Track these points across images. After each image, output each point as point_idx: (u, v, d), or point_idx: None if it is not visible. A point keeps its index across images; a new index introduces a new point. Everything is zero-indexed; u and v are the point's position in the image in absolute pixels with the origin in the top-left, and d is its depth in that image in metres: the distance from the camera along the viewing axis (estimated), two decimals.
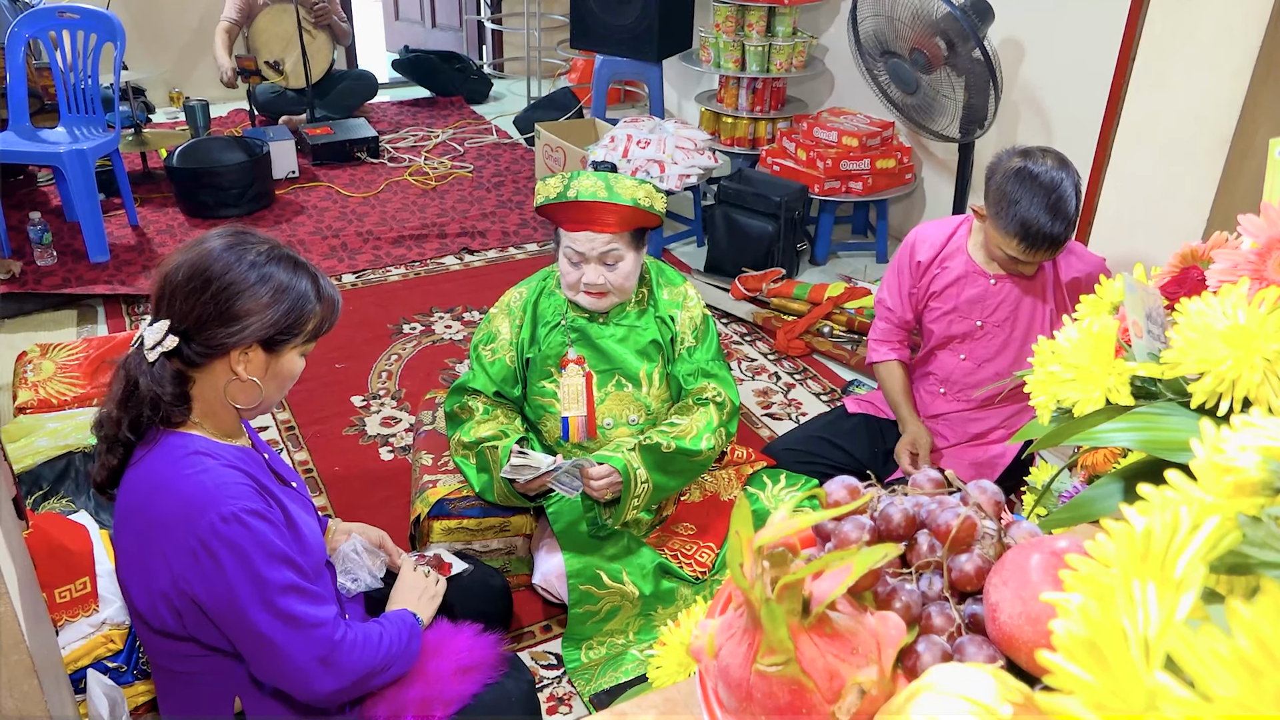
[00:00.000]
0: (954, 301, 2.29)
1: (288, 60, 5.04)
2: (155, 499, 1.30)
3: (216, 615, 1.30)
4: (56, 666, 1.61)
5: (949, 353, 2.36)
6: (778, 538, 0.55)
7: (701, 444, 2.11)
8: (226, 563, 1.26)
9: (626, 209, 2.00)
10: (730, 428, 2.19)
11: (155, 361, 1.30)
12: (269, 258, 1.35)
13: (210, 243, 1.34)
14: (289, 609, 1.31)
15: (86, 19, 3.85)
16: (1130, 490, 0.66)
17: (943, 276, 2.29)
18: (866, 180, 3.91)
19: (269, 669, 1.35)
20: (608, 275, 2.05)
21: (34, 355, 2.91)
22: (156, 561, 1.30)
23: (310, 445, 2.83)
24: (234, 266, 1.32)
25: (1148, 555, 0.39)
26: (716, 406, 2.16)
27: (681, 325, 2.18)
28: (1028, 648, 0.55)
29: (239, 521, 1.27)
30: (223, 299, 1.30)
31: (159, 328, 1.31)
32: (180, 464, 1.31)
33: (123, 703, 1.80)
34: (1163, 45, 2.78)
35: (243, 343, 1.33)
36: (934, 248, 2.30)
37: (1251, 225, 0.69)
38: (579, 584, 2.07)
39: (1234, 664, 0.33)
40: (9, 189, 4.32)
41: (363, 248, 4.07)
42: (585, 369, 2.16)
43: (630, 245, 2.06)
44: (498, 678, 1.59)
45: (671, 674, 0.83)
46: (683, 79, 5.12)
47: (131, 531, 1.33)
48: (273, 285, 1.34)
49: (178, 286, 1.31)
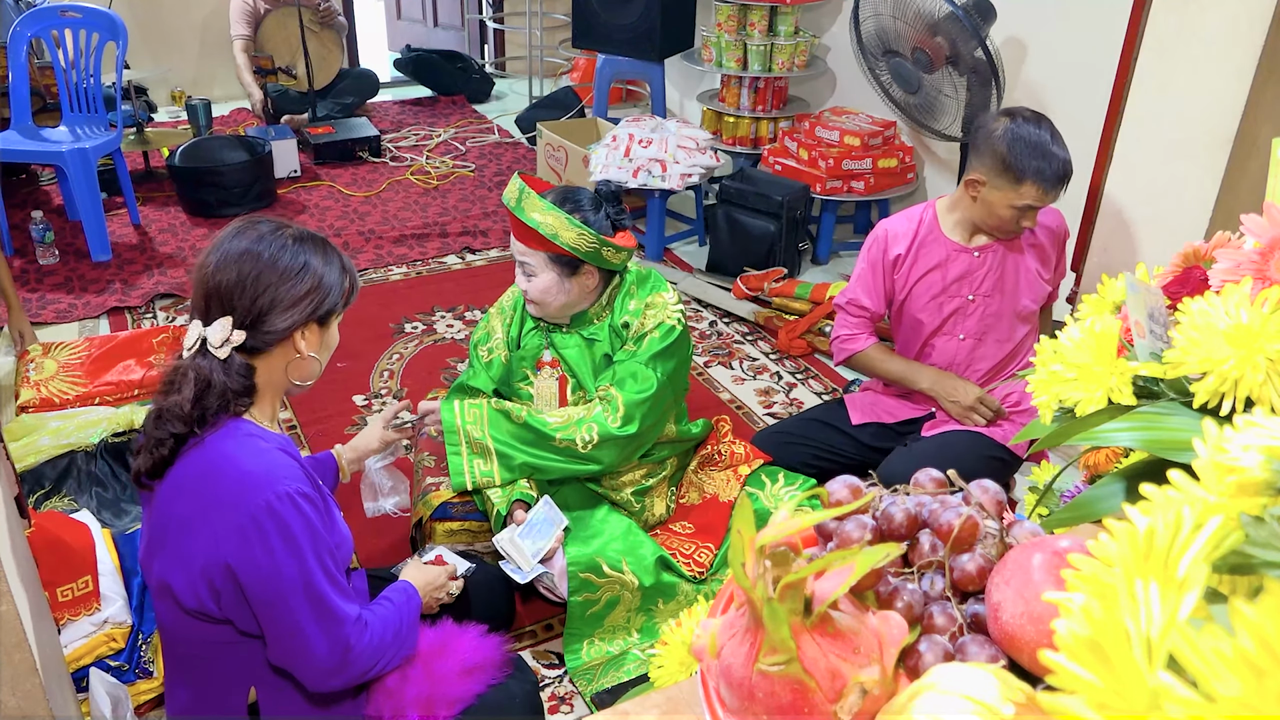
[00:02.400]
0: (940, 284, 2.32)
1: (299, 64, 5.06)
2: (210, 478, 1.33)
3: (254, 594, 1.32)
4: (59, 665, 1.61)
5: (945, 337, 2.38)
6: (780, 537, 0.55)
7: (557, 433, 2.06)
8: (275, 542, 1.30)
9: (527, 228, 2.01)
10: (613, 431, 2.06)
11: (227, 358, 1.36)
12: (296, 239, 1.42)
13: (244, 237, 1.40)
14: (324, 596, 1.34)
15: (89, 18, 3.86)
16: (1133, 490, 0.66)
17: (920, 265, 2.33)
18: (868, 180, 3.91)
19: (290, 655, 1.37)
20: (527, 283, 2.09)
21: (36, 354, 2.92)
22: (202, 539, 1.32)
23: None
24: (280, 255, 1.39)
25: (1150, 555, 0.39)
26: (605, 404, 2.08)
27: (631, 332, 2.13)
28: (1030, 647, 0.55)
29: (292, 502, 1.31)
30: (282, 287, 1.38)
31: (223, 325, 1.36)
32: (238, 445, 1.35)
33: (126, 700, 1.81)
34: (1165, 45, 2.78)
35: (303, 323, 1.41)
36: (907, 238, 2.34)
37: (1254, 225, 0.69)
38: (578, 571, 2.07)
39: (1237, 664, 0.33)
40: (11, 188, 4.32)
41: (364, 247, 4.08)
42: (559, 373, 2.18)
43: (547, 265, 2.04)
44: (502, 678, 1.59)
45: (673, 673, 0.83)
46: (684, 78, 5.12)
47: (174, 512, 1.35)
48: (316, 264, 1.42)
49: (231, 284, 1.36)
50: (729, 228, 3.82)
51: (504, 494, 2.10)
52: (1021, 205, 2.16)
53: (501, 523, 2.08)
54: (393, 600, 1.54)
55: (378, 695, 1.50)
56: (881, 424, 2.46)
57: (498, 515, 2.08)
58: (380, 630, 1.44)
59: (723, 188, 3.86)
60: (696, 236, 4.25)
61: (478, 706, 1.54)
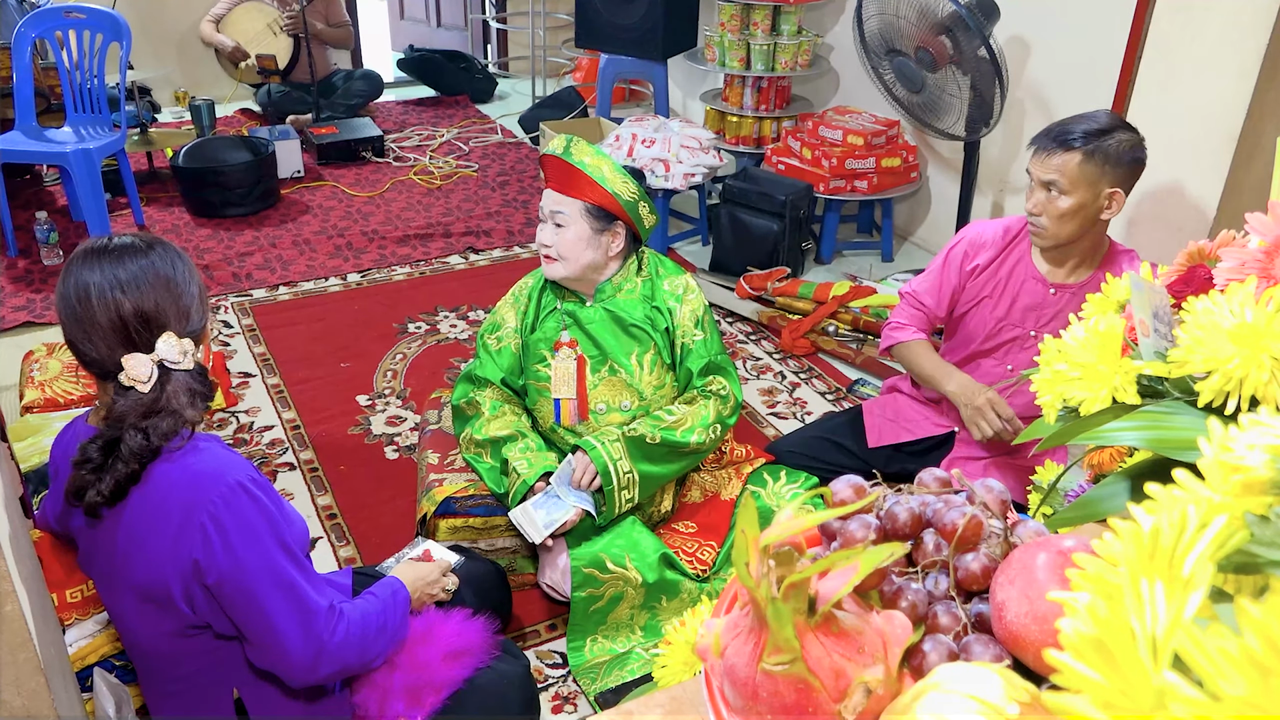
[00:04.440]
0: (1007, 307, 2.19)
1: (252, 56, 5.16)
2: (160, 488, 1.32)
3: (223, 592, 1.31)
4: (63, 664, 1.62)
5: (994, 360, 2.25)
6: (784, 536, 0.55)
7: (691, 438, 2.14)
8: (234, 536, 1.29)
9: (576, 172, 2.06)
10: (729, 422, 2.21)
11: (191, 368, 1.34)
12: (143, 242, 1.39)
13: (123, 261, 1.34)
14: (294, 583, 1.34)
15: (93, 19, 3.86)
16: (1137, 489, 0.66)
17: (996, 280, 2.20)
18: (872, 179, 3.91)
19: (266, 653, 1.36)
20: (554, 237, 2.11)
21: (40, 354, 2.92)
22: (165, 548, 1.31)
23: (315, 444, 2.84)
24: (160, 258, 1.36)
25: (1155, 554, 0.39)
26: (719, 400, 2.19)
27: (682, 318, 2.19)
28: (1034, 647, 0.55)
29: (245, 491, 1.31)
30: (189, 285, 1.37)
31: (169, 341, 1.32)
32: (181, 453, 1.33)
33: (128, 701, 1.81)
34: (1169, 44, 2.77)
35: (207, 313, 1.43)
36: (993, 250, 2.20)
37: (1259, 223, 0.69)
38: (581, 567, 2.08)
39: (1242, 663, 0.33)
40: (16, 188, 4.33)
41: (368, 247, 4.08)
42: (578, 353, 2.18)
43: (581, 215, 2.09)
44: (489, 662, 1.60)
45: (677, 673, 0.83)
46: (688, 78, 5.12)
47: (131, 530, 1.33)
48: (177, 253, 1.40)
49: (155, 304, 1.32)
50: (732, 227, 3.82)
51: (530, 464, 2.13)
52: (1031, 182, 2.04)
53: (521, 497, 2.10)
54: (377, 595, 1.53)
55: (364, 687, 1.50)
56: (896, 448, 2.37)
57: (522, 484, 2.10)
58: (359, 622, 1.43)
59: (726, 187, 3.85)
60: (700, 236, 4.25)
61: (468, 690, 1.54)
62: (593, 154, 2.08)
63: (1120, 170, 1.98)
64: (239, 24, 5.15)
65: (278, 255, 3.97)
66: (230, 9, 5.15)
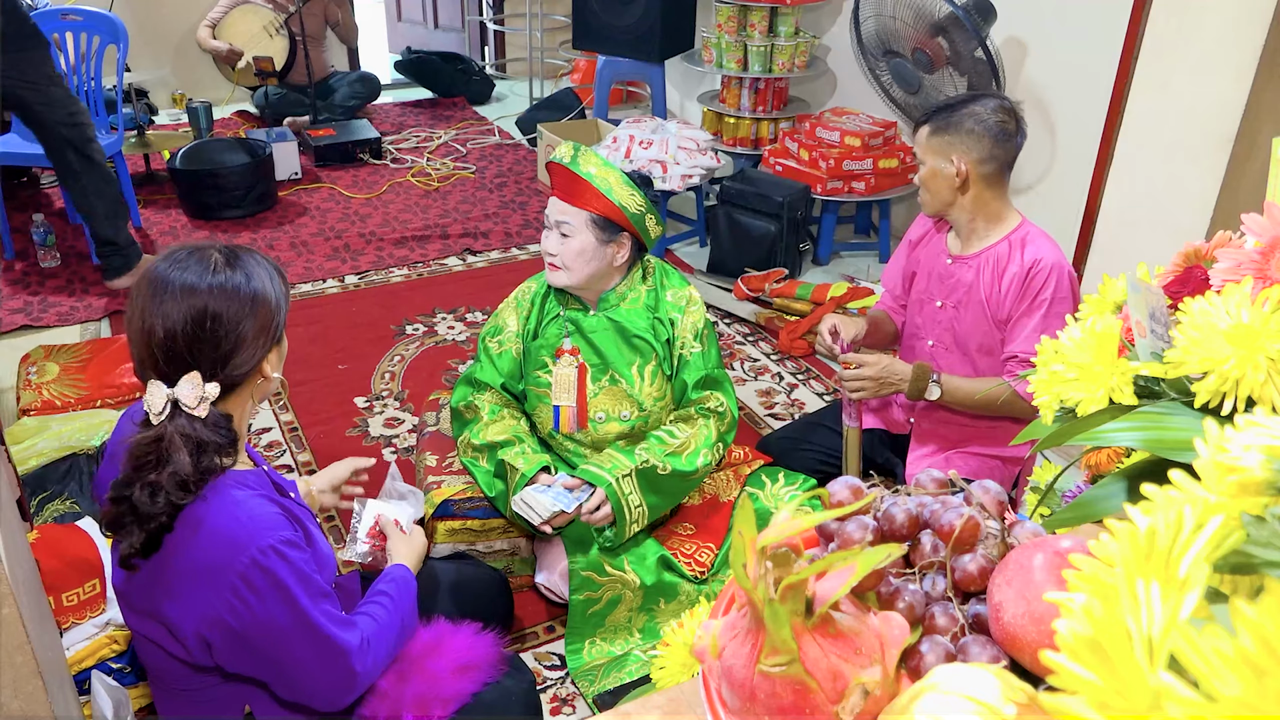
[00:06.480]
0: (925, 280, 2.28)
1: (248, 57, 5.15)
2: (194, 541, 1.27)
3: (255, 645, 1.30)
4: (61, 667, 1.62)
5: (920, 341, 2.32)
6: (781, 538, 0.55)
7: (697, 462, 2.14)
8: (268, 595, 1.27)
9: (583, 182, 2.03)
10: (728, 439, 2.21)
11: (207, 415, 1.28)
12: (229, 263, 1.31)
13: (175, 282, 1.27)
14: (327, 635, 1.33)
15: (90, 21, 3.86)
16: (1134, 490, 0.66)
17: (925, 255, 2.29)
18: (869, 180, 3.91)
19: (298, 693, 1.37)
20: (559, 246, 2.09)
21: (38, 357, 2.92)
22: (194, 601, 1.28)
23: (313, 446, 2.83)
24: (225, 289, 1.28)
25: (1151, 555, 0.39)
26: (717, 418, 2.18)
27: (682, 330, 2.17)
28: (1031, 648, 0.55)
29: (278, 554, 1.28)
30: (241, 325, 1.29)
31: (192, 383, 1.26)
32: (219, 500, 1.28)
33: (127, 703, 1.81)
34: (1165, 45, 2.77)
35: (266, 351, 1.34)
36: (926, 224, 2.30)
37: (1255, 224, 0.69)
38: (580, 569, 2.08)
39: (1238, 664, 0.33)
40: (12, 191, 4.33)
41: (365, 249, 4.08)
42: (579, 360, 2.18)
43: (587, 226, 2.06)
44: (498, 677, 1.60)
45: (675, 675, 0.83)
46: (685, 79, 5.12)
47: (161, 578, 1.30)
48: (259, 285, 1.32)
49: (189, 338, 1.26)
50: (730, 229, 3.82)
51: (527, 460, 2.13)
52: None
53: (519, 488, 2.10)
54: (390, 594, 1.53)
55: (372, 698, 1.50)
56: (871, 433, 2.39)
57: (522, 477, 2.10)
58: (384, 641, 1.45)
59: (723, 189, 3.86)
60: (697, 237, 4.25)
61: (474, 705, 1.54)
62: (600, 164, 2.06)
63: (969, 139, 2.06)
64: (236, 26, 5.16)
65: (275, 257, 3.92)
66: (227, 11, 5.16)
